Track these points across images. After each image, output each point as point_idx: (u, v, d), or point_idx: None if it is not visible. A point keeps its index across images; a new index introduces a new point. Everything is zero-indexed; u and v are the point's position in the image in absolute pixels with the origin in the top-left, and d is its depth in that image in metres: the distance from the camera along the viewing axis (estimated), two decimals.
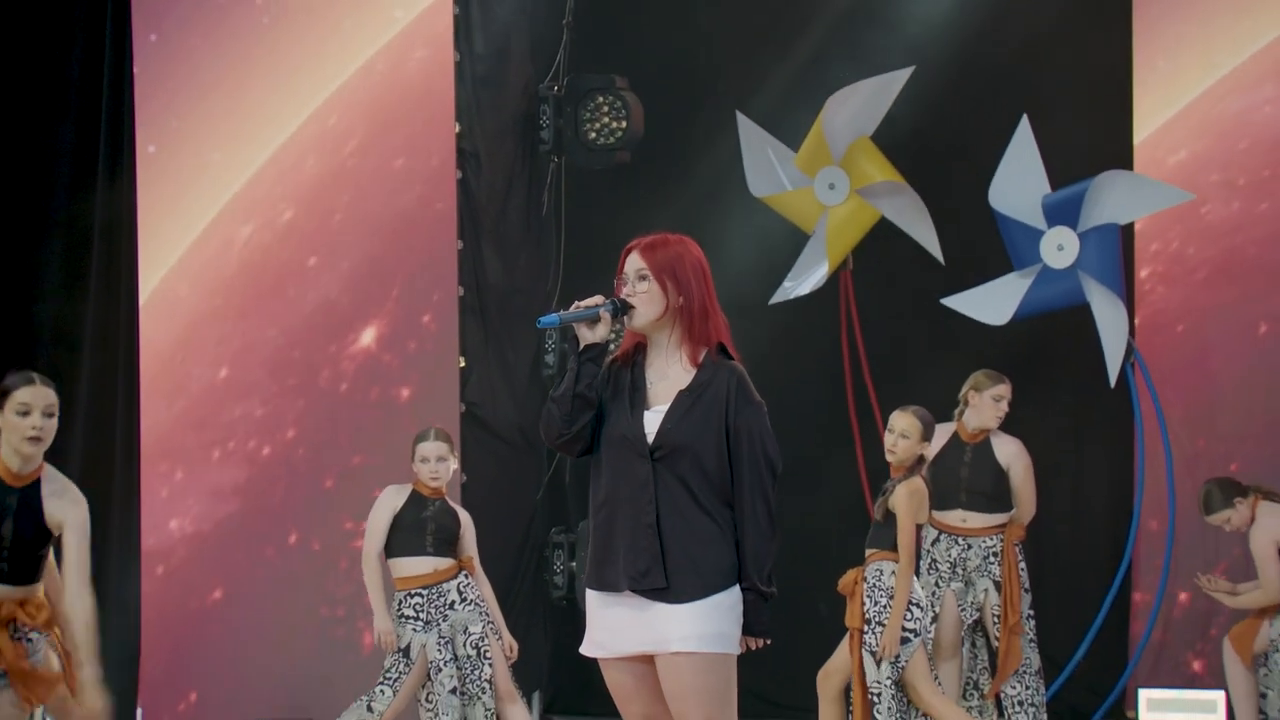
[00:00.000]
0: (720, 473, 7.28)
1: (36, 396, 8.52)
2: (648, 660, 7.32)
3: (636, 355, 7.47)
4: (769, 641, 7.33)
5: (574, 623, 14.90)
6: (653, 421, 7.32)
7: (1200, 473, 14.47)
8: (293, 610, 14.01)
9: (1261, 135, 15.49)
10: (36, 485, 8.61)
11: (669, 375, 7.40)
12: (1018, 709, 13.54)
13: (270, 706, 14.23)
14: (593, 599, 7.41)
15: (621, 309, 7.39)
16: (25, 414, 8.45)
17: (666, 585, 7.20)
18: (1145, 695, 15.66)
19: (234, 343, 14.49)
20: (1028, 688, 13.57)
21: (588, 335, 7.35)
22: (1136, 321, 15.20)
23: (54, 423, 8.55)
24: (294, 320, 14.52)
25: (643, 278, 7.41)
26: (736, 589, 7.25)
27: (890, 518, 11.61)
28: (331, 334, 14.64)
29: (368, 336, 14.30)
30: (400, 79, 14.70)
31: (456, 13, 14.57)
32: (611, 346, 7.50)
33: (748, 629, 7.30)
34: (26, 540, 8.74)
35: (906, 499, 11.59)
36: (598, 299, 7.39)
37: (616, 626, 7.32)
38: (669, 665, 7.22)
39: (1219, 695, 14.98)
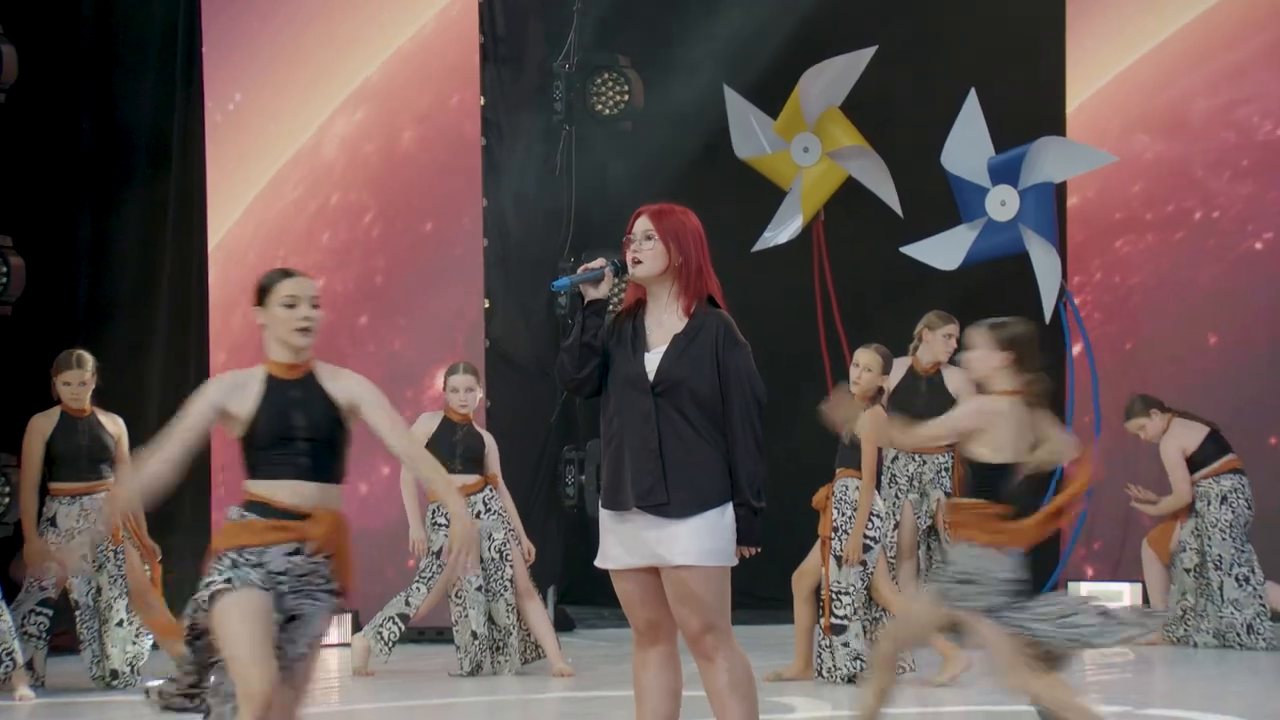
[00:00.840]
0: (713, 404, 7.28)
1: (301, 287, 7.27)
2: (653, 571, 7.32)
3: (637, 308, 7.45)
4: (759, 550, 7.35)
5: (584, 528, 14.98)
6: (652, 362, 7.33)
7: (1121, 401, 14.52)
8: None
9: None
10: (312, 376, 7.35)
11: (665, 323, 7.39)
12: None
13: None
14: (605, 518, 7.42)
15: (621, 268, 7.39)
16: (292, 305, 7.22)
17: (668, 501, 7.21)
18: (1074, 587, 15.79)
19: None
20: None
21: (592, 293, 7.35)
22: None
23: (319, 312, 7.37)
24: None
25: (649, 237, 7.36)
26: (730, 506, 7.26)
27: (855, 441, 11.60)
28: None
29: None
30: (444, 57, 14.72)
31: (483, 3, 14.54)
32: (615, 300, 7.51)
33: (741, 539, 7.29)
34: (322, 430, 7.33)
35: (870, 425, 11.58)
36: (600, 261, 7.40)
37: (627, 542, 7.33)
38: (672, 577, 7.24)
39: (1125, 587, 15.11)
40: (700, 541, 7.21)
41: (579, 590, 15.34)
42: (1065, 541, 15.69)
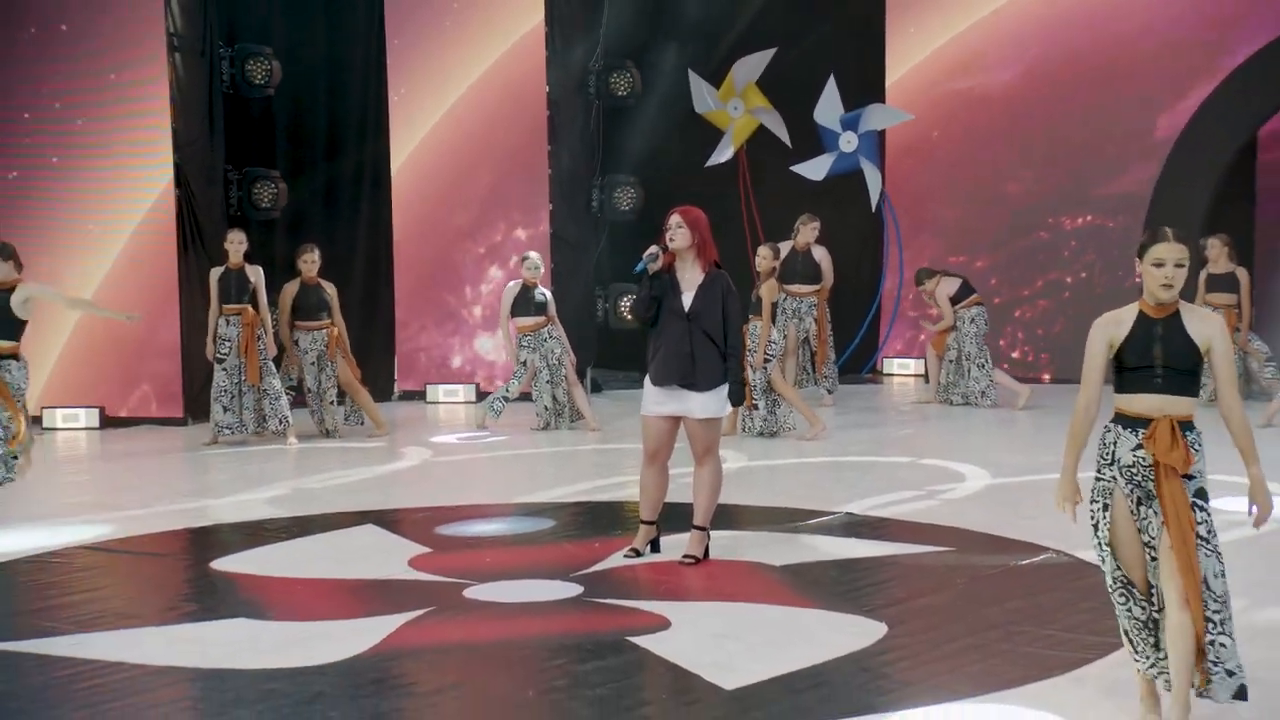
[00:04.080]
0: (719, 327, 7.36)
1: (1170, 251, 4.93)
2: (672, 420, 7.42)
3: (670, 269, 7.44)
4: (743, 405, 7.62)
5: (606, 333, 14.98)
6: (687, 300, 7.38)
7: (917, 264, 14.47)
8: None
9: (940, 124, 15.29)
10: (1177, 315, 4.96)
11: (689, 277, 7.42)
12: (825, 380, 13.62)
13: None
14: (651, 388, 7.44)
15: (665, 249, 7.40)
16: (1160, 265, 4.89)
17: (695, 381, 7.33)
18: (887, 363, 15.79)
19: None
20: (829, 366, 13.72)
21: (653, 266, 7.40)
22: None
23: (1183, 272, 4.98)
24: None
25: (680, 226, 7.38)
26: (725, 385, 7.38)
27: (758, 299, 11.52)
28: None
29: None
30: (524, 61, 14.42)
31: (547, 30, 14.31)
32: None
33: (733, 401, 7.43)
34: (1180, 358, 4.92)
35: (766, 291, 11.54)
36: (655, 248, 7.41)
37: (663, 401, 7.40)
38: (693, 422, 7.38)
39: (919, 362, 15.10)
40: (711, 403, 7.38)
41: (602, 363, 15.26)
42: (882, 335, 15.69)
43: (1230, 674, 4.85)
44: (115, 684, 5.70)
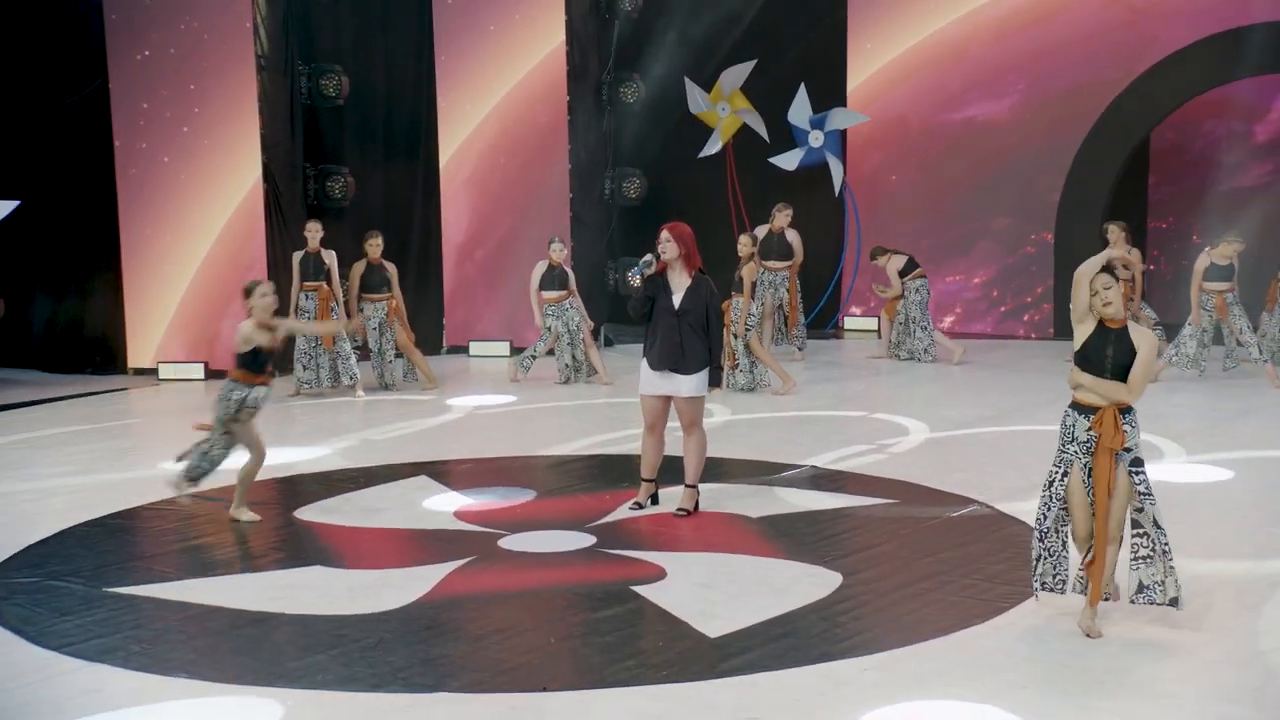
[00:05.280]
0: (703, 321, 7.29)
1: (1097, 280, 5.34)
2: (664, 399, 7.38)
3: (664, 274, 7.37)
4: (720, 386, 7.44)
5: (616, 299, 14.86)
6: (677, 299, 7.31)
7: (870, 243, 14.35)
8: None
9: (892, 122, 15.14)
10: (1125, 330, 5.31)
11: (678, 281, 7.35)
12: (796, 339, 13.55)
13: None
14: (646, 370, 7.39)
15: (658, 257, 7.33)
16: (1094, 294, 5.35)
17: (682, 366, 7.28)
18: (847, 320, 15.71)
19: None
20: (799, 328, 13.62)
21: (648, 271, 7.34)
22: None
23: (1110, 291, 5.32)
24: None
25: (668, 240, 7.32)
26: (707, 370, 7.32)
27: (740, 279, 11.44)
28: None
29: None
30: (548, 73, 14.19)
31: (568, 48, 14.10)
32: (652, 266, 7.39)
33: (712, 383, 7.35)
34: (1124, 360, 5.27)
35: (747, 273, 11.44)
36: (649, 256, 7.32)
37: (658, 383, 7.35)
38: (681, 401, 7.34)
39: (873, 320, 15.02)
40: (696, 385, 7.32)
41: (612, 321, 15.17)
42: (842, 301, 15.60)
43: (1179, 586, 5.50)
44: (217, 628, 5.74)
